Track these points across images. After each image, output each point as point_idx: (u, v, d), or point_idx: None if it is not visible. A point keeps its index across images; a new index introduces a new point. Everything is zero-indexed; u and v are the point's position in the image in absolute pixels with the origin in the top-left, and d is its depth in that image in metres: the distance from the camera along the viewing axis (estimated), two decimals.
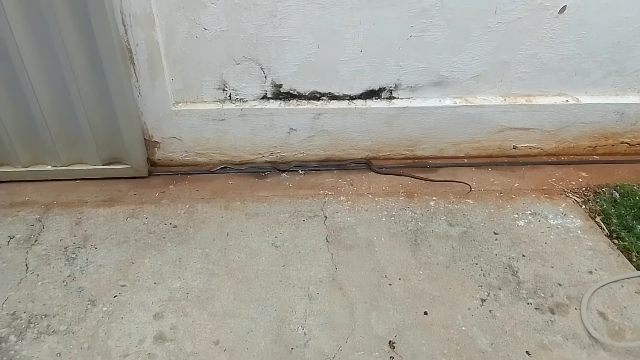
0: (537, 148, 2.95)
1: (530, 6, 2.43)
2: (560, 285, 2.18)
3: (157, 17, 2.27)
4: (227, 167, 2.81)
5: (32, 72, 2.28)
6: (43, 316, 1.96)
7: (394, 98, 2.70)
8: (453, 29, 2.46)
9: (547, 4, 2.44)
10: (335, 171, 2.85)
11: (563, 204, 2.64)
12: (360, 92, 2.67)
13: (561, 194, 2.72)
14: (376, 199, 2.65)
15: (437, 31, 2.47)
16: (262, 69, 2.53)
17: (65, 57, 2.25)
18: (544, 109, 2.78)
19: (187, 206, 2.54)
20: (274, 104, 2.65)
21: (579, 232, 2.46)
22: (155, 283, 2.12)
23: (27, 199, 2.55)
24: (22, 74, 2.28)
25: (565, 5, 2.46)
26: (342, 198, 2.64)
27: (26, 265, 2.18)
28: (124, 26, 2.26)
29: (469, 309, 2.05)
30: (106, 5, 2.10)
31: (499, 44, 2.54)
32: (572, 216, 2.56)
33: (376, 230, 2.44)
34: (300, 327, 1.95)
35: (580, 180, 2.83)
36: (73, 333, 1.90)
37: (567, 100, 2.78)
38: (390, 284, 2.15)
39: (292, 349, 1.87)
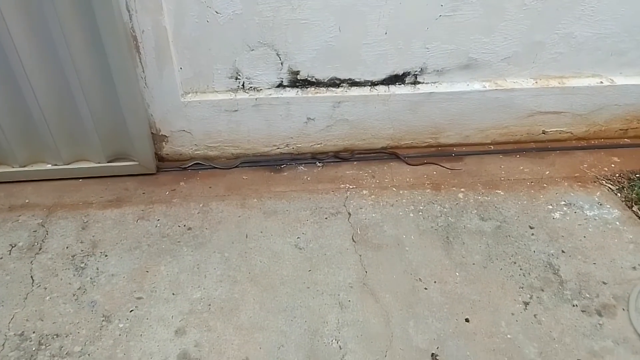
0: (567, 132, 2.79)
1: None
2: (604, 283, 2.05)
3: (164, 0, 2.05)
4: (198, 163, 2.61)
5: (27, 61, 2.08)
6: (54, 336, 1.80)
7: (419, 83, 2.51)
8: (486, 7, 2.27)
9: None
10: (355, 162, 2.67)
11: (598, 193, 2.49)
12: (383, 77, 2.48)
13: (595, 182, 2.57)
14: (401, 192, 2.48)
15: (469, 10, 2.27)
16: (278, 55, 2.33)
17: (64, 45, 2.04)
18: (577, 92, 2.61)
19: (201, 205, 2.37)
20: (291, 93, 2.45)
21: (617, 223, 2.33)
22: (173, 294, 1.96)
23: (27, 201, 2.37)
24: (16, 63, 2.08)
25: None
26: (364, 192, 2.48)
27: (31, 277, 2.01)
28: (129, 11, 2.05)
29: (513, 314, 1.92)
30: None
31: (534, 23, 2.35)
32: (608, 206, 2.42)
33: (404, 227, 2.28)
34: (334, 340, 1.81)
35: (613, 166, 2.69)
36: (89, 355, 1.74)
37: (601, 82, 2.61)
38: (425, 288, 2.01)
39: None
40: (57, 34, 2.00)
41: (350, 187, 2.51)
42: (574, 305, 1.96)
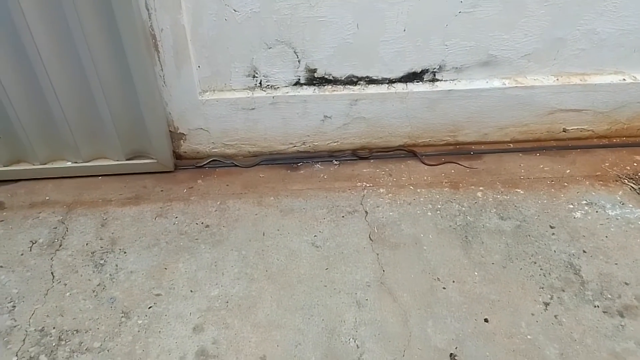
0: (589, 130, 2.74)
1: None
2: (626, 284, 2.01)
3: None
4: (215, 160, 2.61)
5: (47, 60, 2.09)
6: (74, 332, 1.82)
7: (438, 80, 2.49)
8: (506, 3, 2.23)
9: None
10: (372, 160, 2.66)
11: (620, 192, 2.44)
12: (401, 75, 2.46)
13: (616, 181, 2.52)
14: (418, 190, 2.46)
15: (489, 6, 2.24)
16: (295, 52, 2.32)
17: (83, 43, 2.05)
18: (599, 89, 2.56)
19: (218, 203, 2.38)
20: (308, 91, 2.44)
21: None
22: (191, 291, 1.97)
23: (47, 198, 2.39)
24: (36, 62, 2.09)
25: None
26: (381, 190, 2.46)
27: (52, 273, 2.03)
28: (148, 10, 2.05)
29: (533, 314, 1.89)
30: None
31: (555, 19, 2.31)
32: (630, 205, 2.37)
33: (422, 226, 2.26)
34: (351, 339, 1.81)
35: (635, 164, 2.63)
36: (108, 350, 1.76)
37: (624, 79, 2.55)
38: (444, 288, 1.99)
39: None
40: (76, 32, 2.01)
41: (367, 185, 2.49)
42: (595, 306, 1.92)
